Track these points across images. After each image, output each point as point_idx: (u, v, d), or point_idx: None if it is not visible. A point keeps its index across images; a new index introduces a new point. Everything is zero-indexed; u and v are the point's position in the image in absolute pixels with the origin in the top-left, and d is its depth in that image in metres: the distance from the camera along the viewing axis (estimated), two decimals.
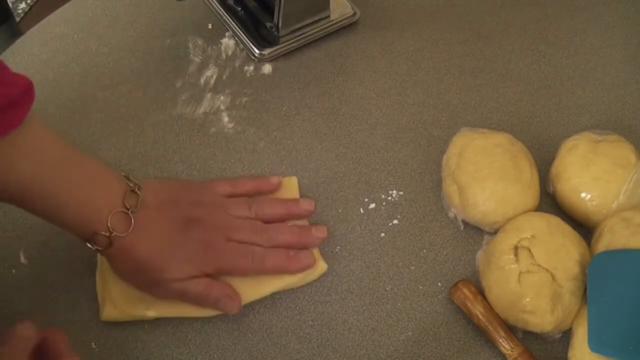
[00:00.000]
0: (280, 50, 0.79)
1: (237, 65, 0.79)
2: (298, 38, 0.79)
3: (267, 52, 0.79)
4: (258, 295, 0.61)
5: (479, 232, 0.67)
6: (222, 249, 0.60)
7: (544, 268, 0.59)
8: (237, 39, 0.80)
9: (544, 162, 0.70)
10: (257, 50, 0.78)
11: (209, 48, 0.80)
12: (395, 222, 0.67)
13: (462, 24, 0.84)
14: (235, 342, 0.60)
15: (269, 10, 0.79)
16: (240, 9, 0.82)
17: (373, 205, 0.68)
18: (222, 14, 0.82)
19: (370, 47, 0.81)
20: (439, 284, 0.64)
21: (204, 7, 0.83)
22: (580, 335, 0.58)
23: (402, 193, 0.69)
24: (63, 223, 0.56)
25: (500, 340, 0.58)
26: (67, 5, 0.83)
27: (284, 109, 0.76)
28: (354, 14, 0.82)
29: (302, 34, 0.80)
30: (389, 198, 0.69)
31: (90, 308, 0.61)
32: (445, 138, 0.71)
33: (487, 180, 0.64)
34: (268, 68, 0.79)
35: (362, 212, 0.68)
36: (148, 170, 0.70)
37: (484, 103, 0.77)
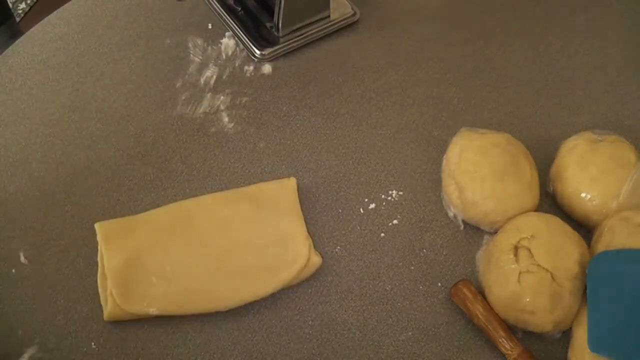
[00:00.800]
0: (281, 50, 0.79)
1: (237, 65, 0.79)
2: (298, 38, 0.80)
3: (267, 52, 0.79)
4: (254, 297, 0.61)
5: (479, 232, 0.67)
6: None
7: (544, 268, 0.58)
8: (237, 39, 0.80)
9: (544, 162, 0.70)
10: (257, 50, 0.78)
11: (209, 48, 0.80)
12: (395, 222, 0.67)
13: (462, 24, 0.84)
14: (235, 342, 0.60)
15: (269, 10, 0.79)
16: (240, 9, 0.82)
17: (373, 205, 0.68)
18: (222, 14, 0.82)
19: (370, 47, 0.81)
20: (439, 284, 0.64)
21: (204, 7, 0.83)
22: (580, 335, 0.58)
23: (402, 193, 0.69)
24: None
25: (500, 340, 0.58)
26: (67, 5, 0.84)
27: (284, 109, 0.76)
28: (354, 14, 0.82)
29: (302, 34, 0.80)
30: (389, 198, 0.69)
31: (90, 308, 0.61)
32: (445, 138, 0.71)
33: (487, 180, 0.64)
34: (268, 68, 0.79)
35: (362, 212, 0.68)
36: (148, 170, 0.70)
37: (484, 103, 0.77)
